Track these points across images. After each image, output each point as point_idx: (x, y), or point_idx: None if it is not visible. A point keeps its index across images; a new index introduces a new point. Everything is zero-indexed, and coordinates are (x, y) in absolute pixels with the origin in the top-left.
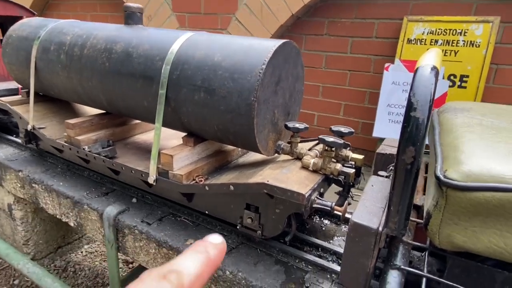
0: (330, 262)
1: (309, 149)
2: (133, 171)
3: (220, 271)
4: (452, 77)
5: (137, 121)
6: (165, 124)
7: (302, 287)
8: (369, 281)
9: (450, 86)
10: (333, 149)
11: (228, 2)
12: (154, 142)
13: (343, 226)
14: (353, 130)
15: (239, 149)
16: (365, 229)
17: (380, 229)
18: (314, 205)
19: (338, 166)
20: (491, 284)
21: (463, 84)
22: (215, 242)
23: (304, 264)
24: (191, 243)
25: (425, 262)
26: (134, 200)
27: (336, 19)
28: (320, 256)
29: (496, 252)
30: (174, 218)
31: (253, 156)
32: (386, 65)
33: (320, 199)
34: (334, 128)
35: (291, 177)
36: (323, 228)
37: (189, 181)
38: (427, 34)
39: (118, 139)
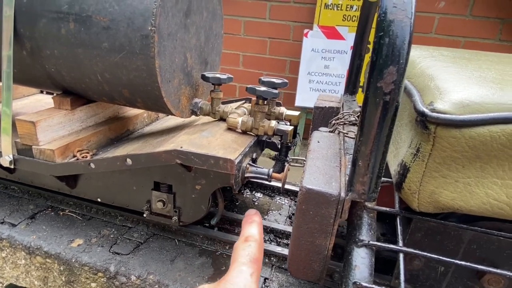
0: (267, 242)
1: (236, 108)
2: None
3: (123, 277)
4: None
5: None
6: (24, 79)
7: None
8: (327, 266)
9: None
10: (266, 102)
11: None
12: (3, 105)
13: (278, 198)
14: (286, 81)
15: (145, 115)
16: (322, 197)
17: (343, 195)
18: (247, 175)
19: (273, 123)
20: (457, 245)
21: None
22: (252, 212)
23: None
24: (79, 245)
25: (399, 232)
26: None
27: None
28: None
29: (494, 208)
30: (54, 213)
31: (165, 123)
32: (305, 31)
33: (254, 166)
34: (264, 78)
35: (213, 141)
36: (256, 203)
37: (66, 159)
38: None
39: None
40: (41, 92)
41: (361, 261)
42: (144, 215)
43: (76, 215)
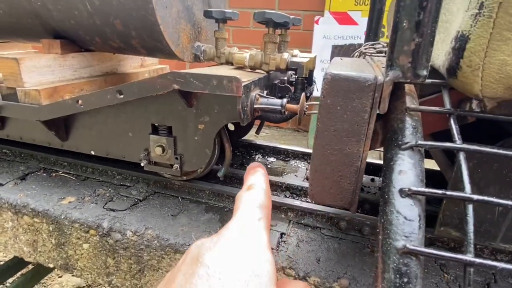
0: (283, 197)
1: None
2: None
3: (118, 234)
4: None
5: None
6: (12, 25)
7: None
8: (360, 183)
9: None
10: (277, 31)
11: None
12: None
13: (293, 161)
14: (299, 17)
15: (146, 75)
16: (354, 84)
17: (380, 78)
18: (256, 106)
19: (286, 55)
20: None
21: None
22: (255, 164)
23: None
24: (70, 202)
25: (454, 131)
26: None
27: None
28: None
29: None
30: (46, 175)
31: None
32: (316, 18)
33: (265, 97)
34: None
35: (217, 72)
36: (269, 166)
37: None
38: None
39: None
40: None
41: (407, 166)
42: (142, 165)
43: (70, 175)
